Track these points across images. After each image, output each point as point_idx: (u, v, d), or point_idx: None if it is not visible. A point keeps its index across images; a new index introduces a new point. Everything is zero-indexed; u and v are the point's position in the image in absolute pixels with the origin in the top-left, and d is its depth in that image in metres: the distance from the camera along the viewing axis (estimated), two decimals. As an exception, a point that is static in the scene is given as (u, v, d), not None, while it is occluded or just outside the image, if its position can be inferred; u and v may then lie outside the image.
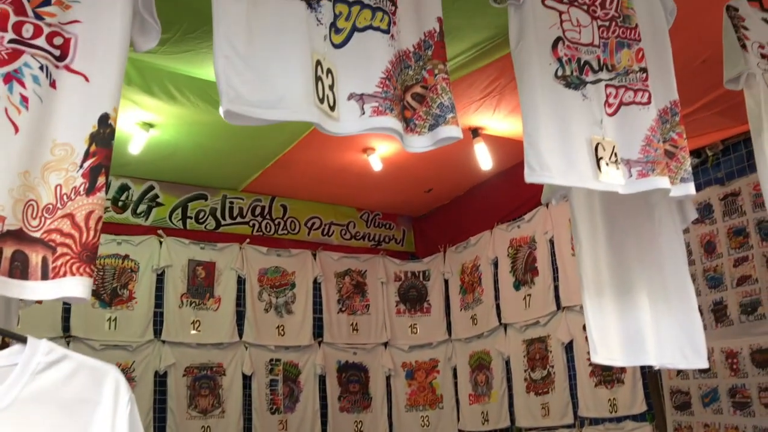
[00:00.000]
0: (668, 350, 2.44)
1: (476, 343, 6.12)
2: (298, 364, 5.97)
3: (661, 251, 2.51)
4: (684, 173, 2.09)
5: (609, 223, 2.54)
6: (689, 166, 2.11)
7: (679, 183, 2.08)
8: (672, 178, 2.06)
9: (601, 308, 2.47)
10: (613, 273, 2.53)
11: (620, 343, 2.51)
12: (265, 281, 6.05)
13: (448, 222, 6.72)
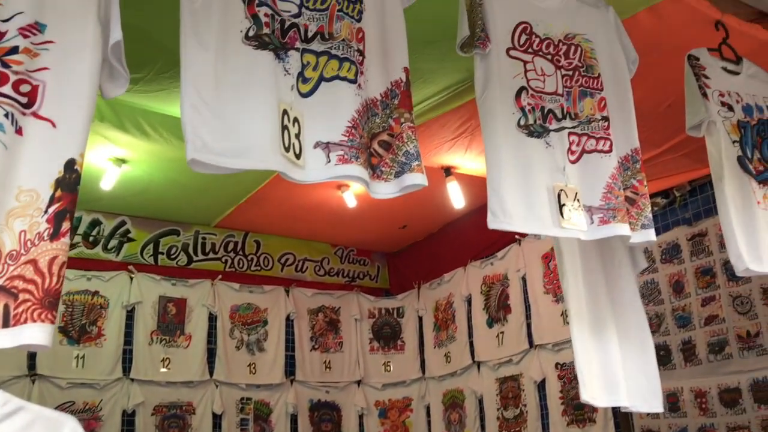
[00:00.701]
0: (633, 392, 2.46)
1: (450, 381, 6.10)
2: (270, 403, 5.90)
3: (622, 294, 2.55)
4: (645, 220, 2.14)
5: (585, 260, 2.58)
6: (650, 213, 2.16)
7: (640, 229, 2.13)
8: (633, 224, 2.11)
9: (585, 345, 2.49)
10: (590, 310, 2.56)
11: (599, 382, 2.53)
12: (237, 318, 6.00)
13: (422, 258, 6.74)
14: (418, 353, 6.54)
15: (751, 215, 2.44)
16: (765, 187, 2.56)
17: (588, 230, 2.04)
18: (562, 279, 2.59)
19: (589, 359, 2.50)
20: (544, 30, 2.20)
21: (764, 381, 3.86)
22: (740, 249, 2.34)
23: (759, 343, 3.93)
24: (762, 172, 2.58)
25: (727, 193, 2.44)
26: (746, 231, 2.39)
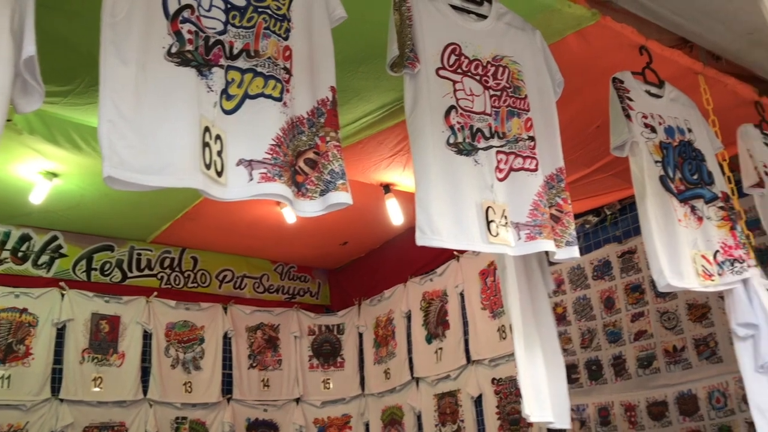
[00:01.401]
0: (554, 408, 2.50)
1: (389, 398, 6.10)
2: (206, 423, 5.78)
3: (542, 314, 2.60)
4: (569, 237, 2.19)
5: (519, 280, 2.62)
6: (574, 231, 2.21)
7: (565, 246, 2.18)
8: (558, 241, 2.16)
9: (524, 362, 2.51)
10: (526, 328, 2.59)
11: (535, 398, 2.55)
12: (172, 336, 5.88)
13: (363, 275, 6.75)
14: (358, 370, 6.52)
15: (672, 232, 2.52)
16: (686, 205, 2.66)
17: (515, 246, 2.08)
18: (505, 298, 2.61)
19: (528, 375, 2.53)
20: (473, 51, 2.24)
21: (689, 394, 3.98)
22: (662, 265, 2.42)
23: (684, 357, 4.06)
24: (683, 192, 2.68)
25: (650, 211, 2.52)
26: (668, 248, 2.47)
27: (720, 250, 2.63)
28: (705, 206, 2.72)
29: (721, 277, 2.57)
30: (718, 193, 2.79)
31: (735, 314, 2.59)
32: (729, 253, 2.66)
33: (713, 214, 2.73)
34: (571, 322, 4.72)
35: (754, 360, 2.54)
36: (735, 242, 2.69)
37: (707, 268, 2.55)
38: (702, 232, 2.64)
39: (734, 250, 2.67)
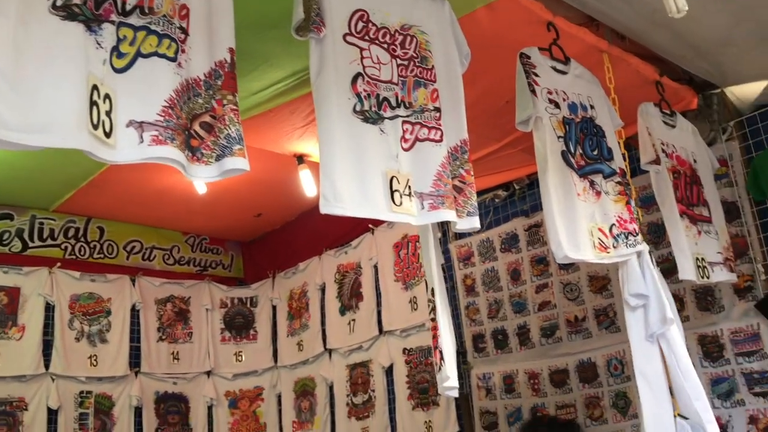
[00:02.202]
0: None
1: (301, 370, 6.11)
2: (112, 396, 5.63)
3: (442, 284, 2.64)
4: (470, 208, 2.22)
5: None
6: (475, 202, 2.25)
7: (466, 216, 2.21)
8: (460, 211, 2.19)
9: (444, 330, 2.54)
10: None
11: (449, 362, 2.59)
12: (77, 308, 5.67)
13: (277, 247, 6.69)
14: (270, 342, 6.49)
15: (571, 206, 2.60)
16: (585, 180, 2.74)
17: (418, 215, 2.10)
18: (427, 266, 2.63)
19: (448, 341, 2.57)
20: (381, 19, 2.23)
21: (588, 362, 4.16)
22: (560, 237, 2.50)
23: (585, 327, 4.23)
24: (583, 167, 2.76)
25: (551, 185, 2.59)
26: (566, 221, 2.55)
27: (616, 224, 2.73)
28: (603, 181, 2.81)
29: (615, 250, 2.67)
30: (617, 169, 2.89)
31: (628, 285, 2.70)
32: (624, 227, 2.76)
33: (611, 189, 2.83)
34: (479, 294, 4.83)
35: (644, 329, 2.66)
36: (630, 216, 2.80)
37: (603, 241, 2.65)
38: (600, 206, 2.73)
39: (629, 223, 2.78)
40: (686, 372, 2.59)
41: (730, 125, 3.77)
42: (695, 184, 3.31)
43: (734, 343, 3.56)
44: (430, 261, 2.62)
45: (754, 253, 3.58)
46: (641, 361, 2.60)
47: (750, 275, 3.57)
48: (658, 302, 2.65)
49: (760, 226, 3.60)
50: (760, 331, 3.48)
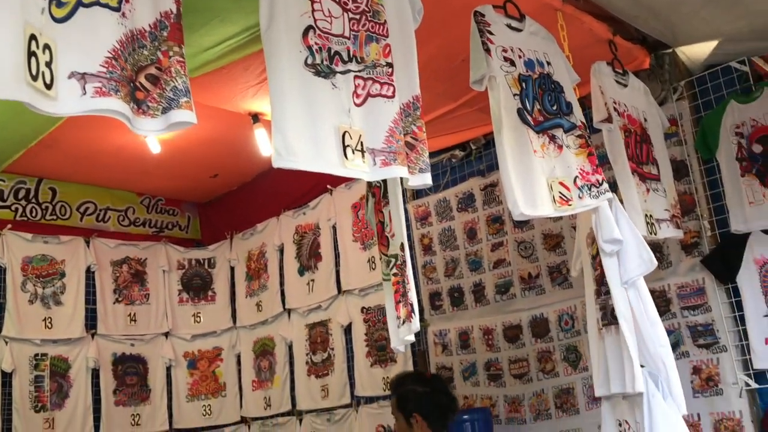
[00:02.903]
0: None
1: (261, 330, 6.13)
2: (68, 358, 5.58)
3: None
4: (422, 164, 2.23)
5: None
6: (427, 158, 2.26)
7: (418, 173, 2.22)
8: (411, 168, 2.20)
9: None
10: None
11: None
12: (29, 270, 5.58)
13: (235, 209, 6.64)
14: (229, 303, 6.48)
15: (527, 164, 2.62)
16: (544, 136, 2.76)
17: (370, 171, 2.10)
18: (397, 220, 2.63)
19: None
20: (333, -28, 2.19)
21: (541, 317, 4.26)
22: (516, 196, 2.52)
23: (539, 283, 4.32)
24: (542, 122, 2.77)
25: (506, 144, 2.60)
26: (522, 178, 2.57)
27: (579, 176, 2.76)
28: (564, 135, 2.83)
29: (580, 200, 2.70)
30: (577, 122, 2.92)
31: (602, 232, 2.73)
32: (587, 179, 2.79)
33: (572, 142, 2.86)
34: (436, 252, 4.89)
35: (620, 275, 2.72)
36: (592, 168, 2.84)
37: (564, 194, 2.67)
38: (561, 160, 2.76)
39: (591, 175, 2.81)
40: (653, 319, 2.66)
41: (681, 85, 3.84)
42: (645, 142, 3.37)
43: (680, 298, 3.68)
44: (400, 217, 2.61)
45: (700, 211, 3.68)
46: (621, 306, 2.65)
47: (696, 232, 3.68)
48: (638, 247, 2.71)
49: (707, 184, 3.69)
50: (705, 286, 3.60)
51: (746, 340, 3.43)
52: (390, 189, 2.68)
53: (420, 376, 3.37)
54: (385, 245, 2.77)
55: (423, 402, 3.07)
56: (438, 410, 3.06)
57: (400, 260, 2.56)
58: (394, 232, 2.63)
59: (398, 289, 2.56)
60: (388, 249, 2.64)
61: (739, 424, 3.41)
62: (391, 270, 2.62)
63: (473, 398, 4.51)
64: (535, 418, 4.20)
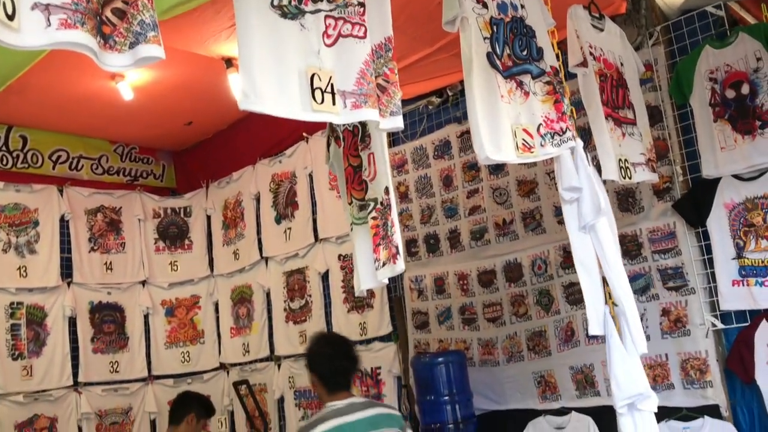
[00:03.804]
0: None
1: (238, 278, 6.15)
2: (44, 307, 5.58)
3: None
4: (394, 107, 2.21)
5: None
6: (399, 101, 2.23)
7: (389, 116, 2.20)
8: (383, 111, 2.18)
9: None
10: None
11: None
12: (2, 219, 5.53)
13: (210, 157, 6.58)
14: (206, 252, 6.49)
15: (494, 108, 2.60)
16: (512, 81, 2.75)
17: (341, 114, 2.08)
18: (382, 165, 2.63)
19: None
20: None
21: (514, 262, 4.31)
22: (482, 139, 2.51)
23: (512, 229, 4.36)
24: (510, 68, 2.76)
25: (475, 87, 2.58)
26: (489, 123, 2.56)
27: (543, 124, 2.76)
28: (532, 81, 2.82)
29: (542, 148, 2.71)
30: (547, 68, 2.90)
31: (562, 180, 2.75)
32: (551, 127, 2.79)
33: (539, 89, 2.85)
34: (412, 200, 4.90)
35: (578, 221, 2.75)
36: (557, 116, 2.84)
37: (527, 141, 2.68)
38: (527, 107, 2.75)
39: (555, 123, 2.81)
40: (611, 262, 2.69)
41: (657, 30, 3.83)
42: (621, 87, 3.37)
43: (651, 242, 3.74)
44: (385, 160, 2.61)
45: (673, 156, 3.72)
46: (579, 251, 2.69)
47: (669, 177, 3.71)
48: (591, 194, 2.73)
49: (681, 130, 3.72)
50: (676, 230, 3.66)
51: (714, 283, 3.51)
52: (373, 132, 2.66)
53: (328, 338, 3.54)
54: (358, 189, 2.78)
55: (321, 363, 3.18)
56: (334, 372, 3.16)
57: (383, 203, 2.56)
58: (376, 176, 2.62)
59: (377, 232, 2.57)
60: (365, 193, 2.64)
61: (704, 363, 3.51)
62: (369, 214, 2.62)
63: (448, 342, 4.59)
64: (507, 360, 4.29)
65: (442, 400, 4.03)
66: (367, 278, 2.64)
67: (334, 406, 3.13)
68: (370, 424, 3.10)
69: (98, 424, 5.63)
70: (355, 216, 2.80)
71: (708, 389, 3.49)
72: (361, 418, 3.11)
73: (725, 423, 3.41)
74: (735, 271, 3.45)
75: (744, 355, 3.36)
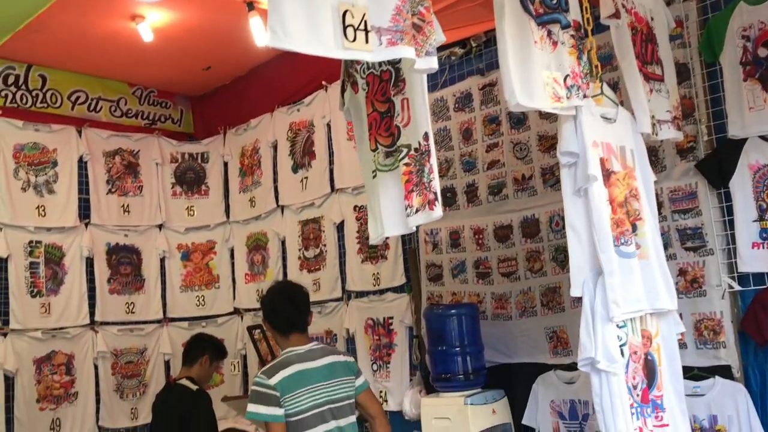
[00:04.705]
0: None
1: (254, 225, 6.19)
2: (62, 246, 5.64)
3: None
4: (429, 47, 2.17)
5: None
6: (434, 41, 2.20)
7: (425, 56, 2.17)
8: (418, 50, 2.14)
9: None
10: None
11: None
12: (21, 158, 5.55)
13: (228, 103, 6.56)
14: (222, 198, 6.51)
15: (527, 54, 2.57)
16: (543, 29, 2.70)
17: (375, 51, 2.05)
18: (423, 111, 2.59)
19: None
20: None
21: (532, 218, 4.30)
22: (514, 85, 2.48)
23: (531, 185, 4.34)
24: (541, 15, 2.71)
25: (507, 32, 2.54)
26: (521, 68, 2.53)
27: (570, 75, 2.73)
28: (561, 31, 2.78)
29: (568, 100, 2.68)
30: (571, 21, 2.85)
31: (561, 143, 2.75)
32: (576, 80, 2.77)
33: (566, 39, 2.81)
34: (431, 152, 4.86)
35: (573, 185, 2.74)
36: (580, 70, 2.80)
37: (557, 91, 2.65)
38: (556, 56, 2.71)
39: (579, 78, 2.78)
40: (597, 225, 2.67)
41: (689, -16, 3.74)
42: (650, 42, 3.30)
43: (672, 201, 3.71)
44: (425, 104, 2.56)
45: (699, 115, 3.66)
46: (571, 215, 2.69)
47: (693, 136, 3.67)
48: (583, 160, 2.71)
49: (708, 89, 3.65)
50: (698, 190, 3.63)
51: (733, 244, 3.49)
52: (408, 76, 2.62)
53: (273, 288, 3.54)
54: (385, 135, 2.76)
55: (267, 312, 3.38)
56: (280, 317, 3.33)
57: (419, 149, 2.52)
58: (411, 121, 2.58)
59: (410, 179, 2.56)
60: (395, 139, 2.61)
61: (719, 324, 3.51)
62: (401, 160, 2.59)
63: (461, 294, 4.61)
64: (520, 314, 4.31)
65: (453, 351, 4.06)
66: (393, 225, 2.64)
67: (294, 350, 3.26)
68: (329, 372, 3.22)
69: (114, 363, 5.74)
70: (381, 163, 2.78)
71: (721, 350, 3.50)
72: (320, 366, 3.24)
73: (736, 383, 3.43)
74: (756, 234, 3.42)
75: (759, 316, 3.36)
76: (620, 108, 2.89)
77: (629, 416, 2.60)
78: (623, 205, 2.74)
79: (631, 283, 2.65)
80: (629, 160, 2.84)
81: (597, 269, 2.65)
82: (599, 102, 2.80)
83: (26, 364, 5.30)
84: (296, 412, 3.08)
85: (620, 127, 2.85)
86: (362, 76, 2.93)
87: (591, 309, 2.63)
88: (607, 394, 2.57)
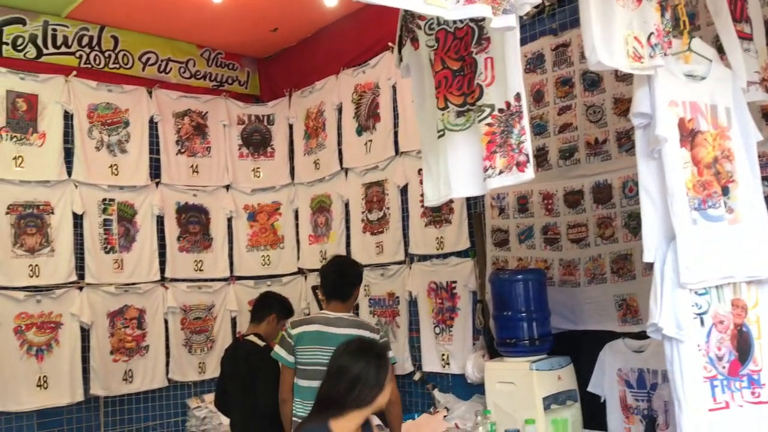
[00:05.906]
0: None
1: (318, 187, 6.22)
2: (134, 205, 5.80)
3: None
4: (507, 5, 2.11)
5: None
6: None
7: (502, 14, 2.11)
8: (495, 9, 2.09)
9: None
10: None
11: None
12: (95, 118, 5.70)
13: (294, 65, 6.57)
14: (287, 160, 6.57)
15: (609, 11, 2.47)
16: (627, -14, 2.59)
17: (453, 9, 2.01)
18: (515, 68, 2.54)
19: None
20: None
21: (604, 184, 4.18)
22: (595, 43, 2.40)
23: (605, 149, 4.21)
24: (622, -30, 2.60)
25: (591, -10, 2.45)
26: (603, 26, 2.44)
27: (654, 33, 2.61)
28: (646, -14, 2.66)
29: (651, 59, 2.57)
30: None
31: (633, 104, 2.65)
32: (660, 38, 2.65)
33: (651, -5, 2.69)
34: (499, 115, 4.77)
35: (647, 146, 2.65)
36: (664, 27, 2.68)
37: (638, 50, 2.54)
38: (639, 13, 2.60)
39: (662, 35, 2.66)
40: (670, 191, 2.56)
41: (783, -62, 3.51)
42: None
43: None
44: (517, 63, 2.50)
45: (788, 77, 3.47)
46: (645, 177, 2.60)
47: (779, 100, 3.48)
48: (654, 121, 2.61)
49: (799, 49, 3.45)
50: (784, 157, 3.47)
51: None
52: (494, 35, 2.55)
53: (331, 260, 4.25)
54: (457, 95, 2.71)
55: (321, 277, 4.06)
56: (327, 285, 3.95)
57: (511, 110, 2.46)
58: (494, 81, 2.52)
59: (493, 140, 2.51)
60: (479, 97, 2.56)
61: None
62: (483, 120, 2.54)
63: (527, 260, 4.55)
64: (589, 281, 4.22)
65: (519, 316, 4.02)
66: (463, 186, 2.61)
67: (325, 314, 3.81)
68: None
69: (183, 318, 5.92)
70: (451, 122, 2.74)
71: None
72: (340, 333, 3.64)
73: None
74: None
75: None
76: (714, 64, 2.75)
77: (703, 386, 2.52)
78: (711, 166, 2.62)
79: (715, 248, 2.54)
80: (722, 119, 2.71)
81: (671, 234, 2.56)
82: (687, 59, 2.68)
83: (100, 318, 5.52)
84: (302, 362, 3.72)
85: (712, 84, 2.72)
86: (427, 32, 2.87)
87: (660, 273, 2.55)
88: (677, 361, 2.50)
